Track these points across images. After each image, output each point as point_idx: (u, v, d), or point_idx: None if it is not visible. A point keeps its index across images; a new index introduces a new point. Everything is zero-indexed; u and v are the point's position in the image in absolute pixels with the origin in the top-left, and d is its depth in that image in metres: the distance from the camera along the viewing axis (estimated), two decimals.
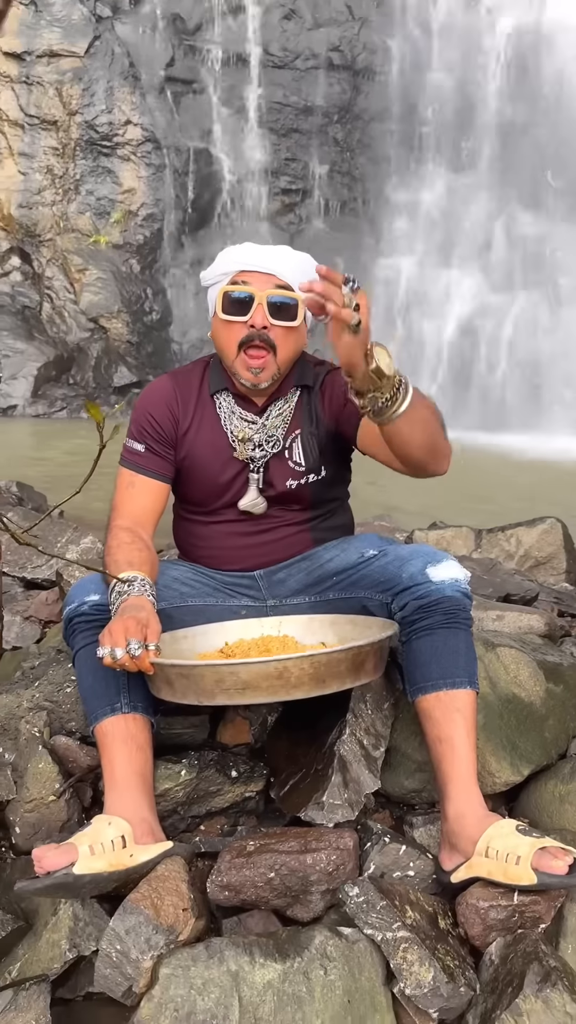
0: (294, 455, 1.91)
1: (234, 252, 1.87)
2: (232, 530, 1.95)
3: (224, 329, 1.84)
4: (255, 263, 1.81)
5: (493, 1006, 1.37)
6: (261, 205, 14.91)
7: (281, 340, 1.82)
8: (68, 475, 1.70)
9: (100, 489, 1.91)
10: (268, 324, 1.79)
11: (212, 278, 1.87)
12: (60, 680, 2.06)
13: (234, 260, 1.84)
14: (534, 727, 1.89)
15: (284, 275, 1.81)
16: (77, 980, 1.53)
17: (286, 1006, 1.32)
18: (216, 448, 1.90)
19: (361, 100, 14.99)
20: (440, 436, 1.69)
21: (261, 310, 1.79)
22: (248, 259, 1.83)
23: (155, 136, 14.42)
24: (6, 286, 14.61)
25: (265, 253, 1.84)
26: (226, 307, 1.81)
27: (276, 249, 1.86)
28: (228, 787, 1.81)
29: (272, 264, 1.81)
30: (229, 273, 1.83)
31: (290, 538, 1.95)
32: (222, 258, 1.88)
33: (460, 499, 6.38)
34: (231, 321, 1.81)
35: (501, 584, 2.89)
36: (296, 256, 1.87)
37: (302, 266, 1.85)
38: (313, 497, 1.95)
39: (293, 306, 1.81)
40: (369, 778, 1.73)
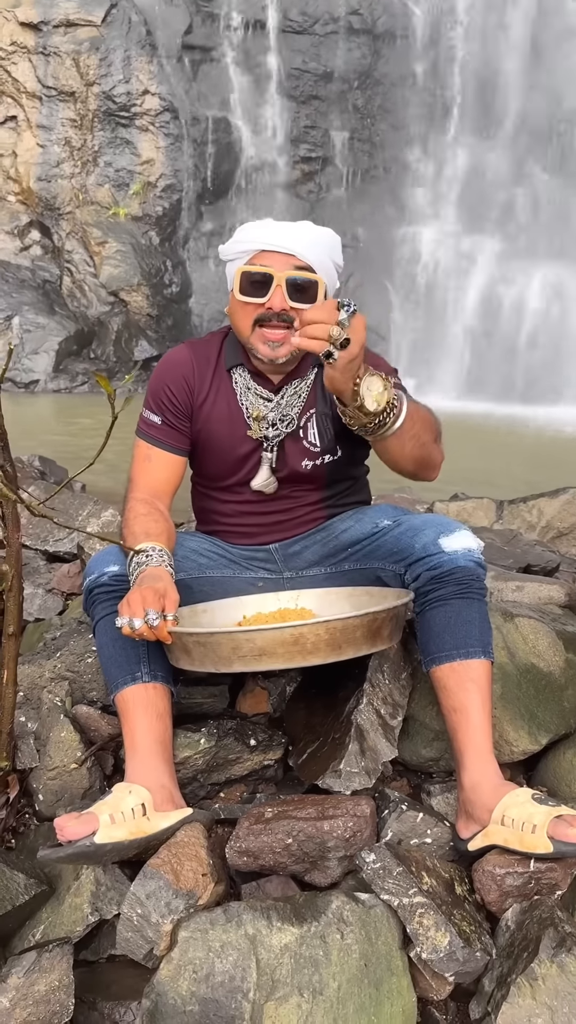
0: (309, 435, 1.90)
1: (253, 229, 1.82)
2: (247, 509, 1.95)
3: (241, 308, 1.81)
4: (274, 242, 1.77)
5: (509, 970, 1.38)
6: (280, 174, 14.75)
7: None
8: (90, 449, 1.72)
9: (122, 461, 1.93)
10: (287, 307, 1.76)
11: (230, 254, 1.84)
12: (81, 650, 2.08)
13: (253, 238, 1.80)
14: (553, 697, 1.89)
15: (304, 255, 1.77)
16: (99, 943, 1.56)
17: (303, 968, 1.34)
18: (232, 423, 1.90)
19: (382, 65, 14.72)
20: (430, 450, 1.71)
21: (280, 292, 1.75)
22: (268, 238, 1.78)
23: (173, 105, 14.27)
24: (26, 260, 14.60)
25: (285, 232, 1.79)
26: (244, 287, 1.78)
27: (296, 226, 1.81)
28: (247, 755, 1.83)
29: (292, 243, 1.76)
30: (248, 252, 1.79)
31: (305, 516, 1.95)
32: (241, 234, 1.84)
33: (481, 470, 6.34)
34: (249, 302, 1.78)
35: (522, 555, 2.87)
36: (318, 233, 1.82)
37: (324, 243, 1.82)
38: (329, 477, 1.94)
39: (312, 287, 1.77)
40: (386, 747, 1.75)
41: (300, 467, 1.90)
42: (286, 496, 1.93)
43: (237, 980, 1.33)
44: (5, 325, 13.58)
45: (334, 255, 1.84)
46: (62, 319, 13.97)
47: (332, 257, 1.84)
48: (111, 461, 1.99)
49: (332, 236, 1.86)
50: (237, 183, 14.84)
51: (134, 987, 1.44)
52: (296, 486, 1.93)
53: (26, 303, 13.90)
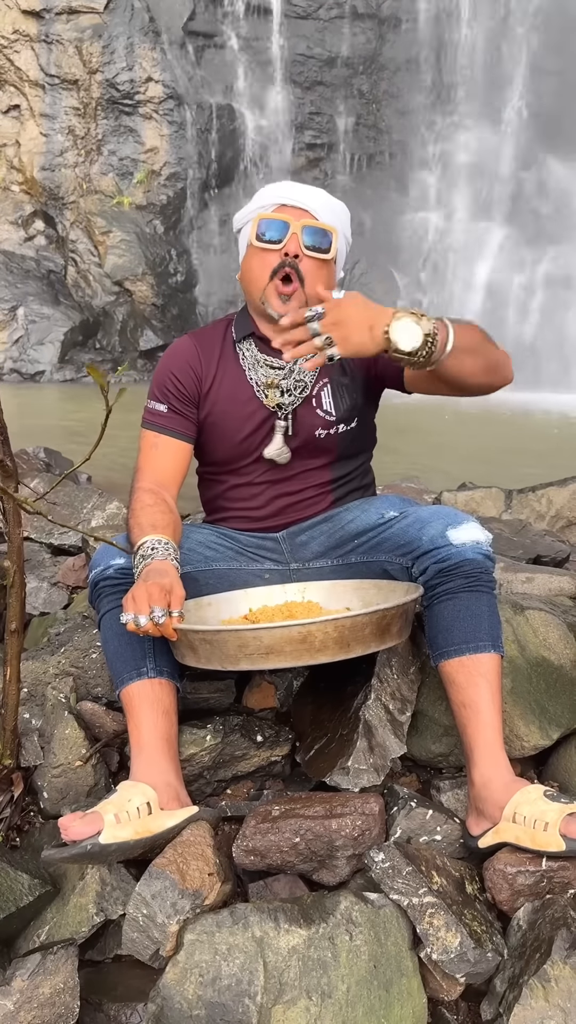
0: (324, 404, 1.89)
1: (272, 188, 1.88)
2: (256, 490, 1.93)
3: (256, 257, 1.83)
4: (292, 197, 1.83)
5: (521, 971, 1.36)
6: (285, 160, 14.64)
7: (312, 274, 1.81)
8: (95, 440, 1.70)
9: (128, 453, 1.90)
10: (301, 253, 1.79)
11: (247, 214, 1.87)
12: (86, 646, 2.06)
13: (272, 193, 1.85)
14: (564, 690, 1.86)
15: (319, 213, 1.82)
16: (105, 942, 1.54)
17: (311, 971, 1.32)
18: (239, 401, 1.88)
19: (387, 50, 14.58)
20: (492, 354, 1.67)
21: (295, 239, 1.80)
22: (286, 192, 1.84)
23: (177, 92, 14.17)
24: (31, 250, 14.55)
25: (302, 189, 1.86)
26: (260, 233, 1.82)
27: (312, 188, 1.88)
28: (254, 752, 1.80)
29: (309, 200, 1.83)
30: (266, 206, 1.84)
31: (313, 497, 1.93)
32: (258, 195, 1.89)
33: (489, 459, 6.30)
34: (265, 248, 1.81)
35: (531, 545, 2.84)
36: (332, 199, 1.88)
37: (337, 209, 1.87)
38: (340, 449, 1.92)
39: (327, 236, 1.82)
40: (395, 743, 1.72)
41: (314, 436, 1.89)
42: (296, 474, 1.91)
43: (244, 983, 1.31)
44: (10, 316, 13.54)
45: (344, 225, 1.90)
46: (67, 309, 13.92)
47: (343, 228, 1.89)
48: (117, 453, 1.96)
49: (344, 207, 1.91)
50: (242, 170, 14.75)
51: (140, 988, 1.42)
52: (308, 460, 1.91)
53: (31, 293, 13.86)
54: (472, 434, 7.77)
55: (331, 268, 1.86)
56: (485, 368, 1.65)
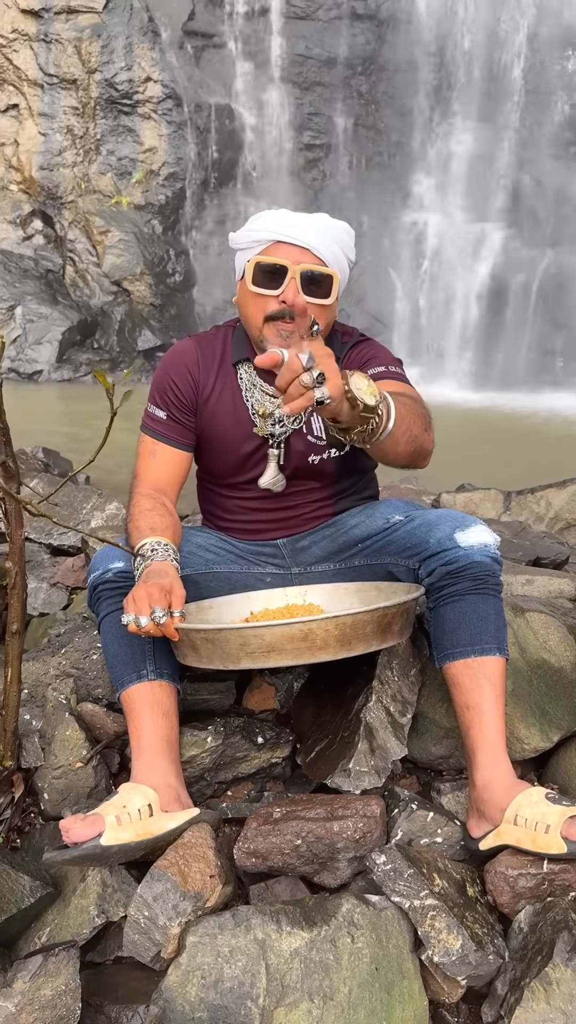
0: (313, 429, 1.86)
1: (268, 218, 1.78)
2: (254, 505, 1.92)
3: (252, 300, 1.77)
4: (290, 234, 1.72)
5: (522, 974, 1.36)
6: (284, 161, 14.63)
7: (314, 315, 1.75)
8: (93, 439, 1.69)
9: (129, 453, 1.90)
10: (300, 302, 1.68)
11: (243, 243, 1.79)
12: (86, 647, 2.06)
13: (269, 228, 1.75)
14: (564, 693, 1.87)
15: (319, 250, 1.73)
16: (107, 944, 1.54)
17: (313, 973, 1.32)
18: (236, 420, 1.86)
19: (386, 51, 14.57)
20: (422, 441, 1.61)
21: (293, 284, 1.72)
22: (283, 229, 1.73)
23: (176, 92, 14.15)
24: (29, 250, 14.53)
25: (301, 223, 1.74)
26: (257, 278, 1.74)
27: (312, 218, 1.77)
28: (254, 753, 1.80)
29: (307, 237, 1.72)
30: (262, 242, 1.75)
31: (313, 512, 1.92)
32: (256, 223, 1.79)
33: (488, 460, 6.30)
34: (261, 294, 1.74)
35: (531, 547, 2.84)
36: (333, 227, 1.78)
37: (339, 237, 1.78)
38: (336, 472, 1.90)
39: (327, 281, 1.74)
40: (396, 745, 1.72)
41: (307, 462, 1.87)
42: (293, 493, 1.90)
43: (246, 986, 1.31)
44: (8, 315, 13.52)
45: (348, 250, 1.81)
46: (65, 309, 13.90)
47: (346, 252, 1.81)
48: (117, 452, 1.96)
49: (347, 231, 1.82)
50: (240, 171, 14.74)
51: (141, 990, 1.42)
52: (303, 483, 1.89)
53: (29, 293, 13.84)
54: (470, 435, 7.77)
55: (332, 308, 1.80)
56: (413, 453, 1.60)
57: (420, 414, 1.63)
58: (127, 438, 1.88)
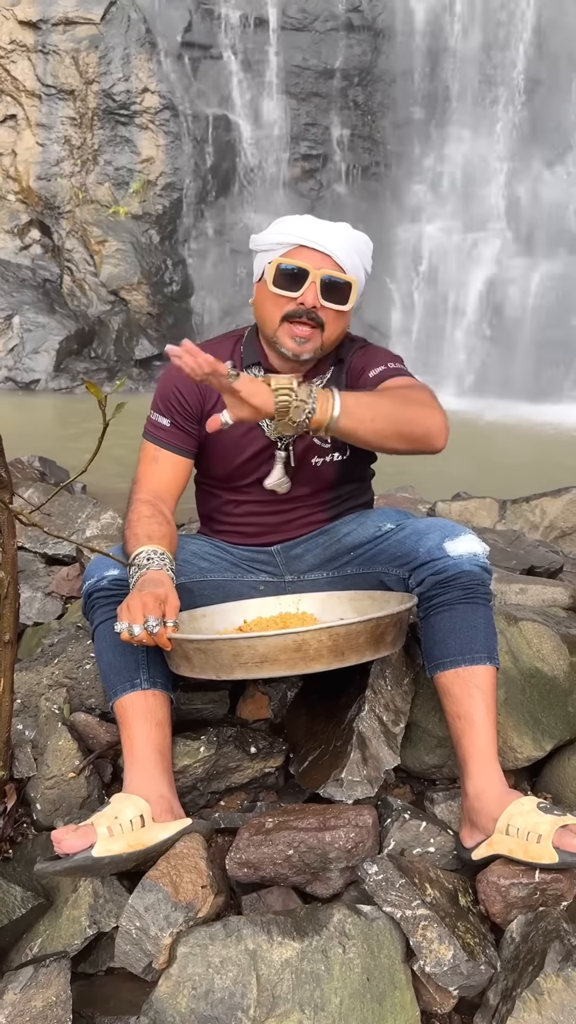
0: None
1: (292, 223, 1.81)
2: (254, 508, 1.93)
3: (271, 300, 1.80)
4: (313, 239, 1.76)
5: (514, 984, 1.35)
6: (281, 171, 14.68)
7: (330, 321, 1.79)
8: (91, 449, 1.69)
9: (120, 465, 1.91)
10: (319, 304, 1.76)
11: (266, 245, 1.82)
12: (80, 657, 2.06)
13: (292, 232, 1.78)
14: (557, 702, 1.87)
15: (340, 257, 1.77)
16: (98, 955, 1.54)
17: (304, 984, 1.32)
18: (241, 425, 1.87)
19: (382, 61, 14.65)
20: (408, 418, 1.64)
21: (313, 288, 1.75)
22: (307, 233, 1.77)
23: (173, 103, 14.21)
24: (27, 259, 14.57)
25: (324, 230, 1.78)
26: (278, 280, 1.77)
27: (335, 227, 1.80)
28: (247, 763, 1.80)
29: (330, 243, 1.76)
30: (284, 245, 1.78)
31: (309, 516, 1.93)
32: (279, 227, 1.83)
33: (484, 469, 6.31)
34: (281, 295, 1.77)
35: (525, 556, 2.85)
36: (354, 236, 1.82)
37: (359, 248, 1.82)
38: (338, 476, 1.92)
39: (346, 288, 1.78)
40: (388, 754, 1.72)
41: (311, 464, 1.89)
42: (293, 497, 1.91)
43: (237, 997, 1.30)
44: (5, 324, 13.54)
45: (366, 261, 1.85)
46: (62, 318, 13.93)
47: (364, 263, 1.84)
48: (114, 462, 1.97)
49: (367, 242, 1.86)
50: (237, 181, 14.79)
51: (133, 1001, 1.41)
52: (305, 486, 1.91)
53: (26, 302, 13.87)
54: (466, 444, 7.78)
55: (347, 315, 1.84)
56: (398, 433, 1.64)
57: (408, 398, 1.67)
58: (123, 448, 1.89)
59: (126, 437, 1.89)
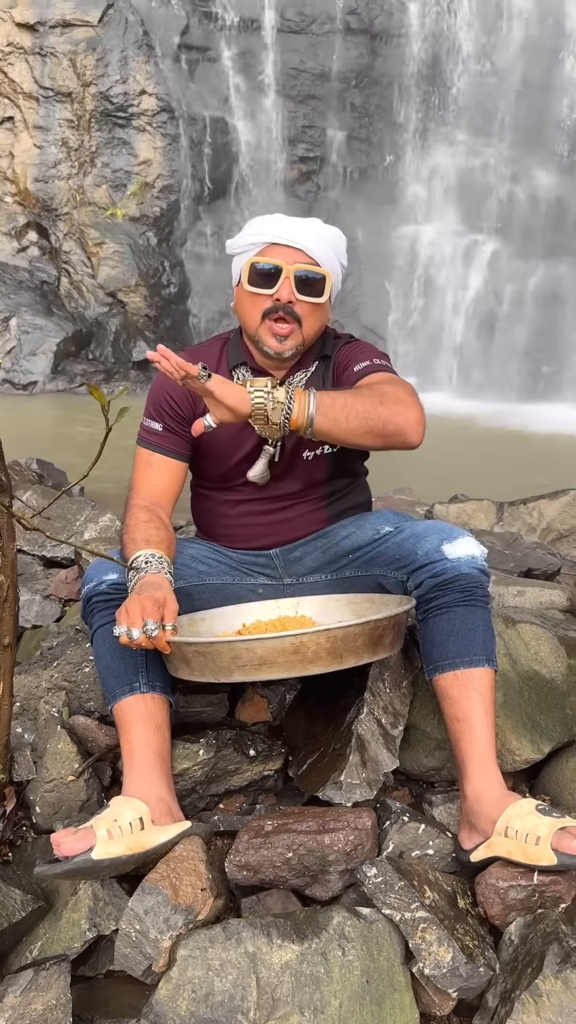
0: None
1: (263, 223, 1.84)
2: (249, 508, 1.94)
3: (249, 300, 1.82)
4: (285, 236, 1.79)
5: (513, 986, 1.36)
6: (278, 174, 14.70)
7: (307, 315, 1.81)
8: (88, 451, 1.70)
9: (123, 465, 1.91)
10: (294, 299, 1.78)
11: (239, 247, 1.85)
12: (79, 660, 2.06)
13: (263, 231, 1.81)
14: (555, 704, 1.87)
15: (312, 251, 1.79)
16: (98, 958, 1.54)
17: (304, 987, 1.32)
18: (233, 425, 1.88)
19: (379, 64, 14.67)
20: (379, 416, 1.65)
21: (288, 284, 1.77)
22: (278, 231, 1.80)
23: (170, 106, 14.23)
24: (24, 261, 14.57)
25: (295, 226, 1.81)
26: (252, 279, 1.79)
27: (306, 222, 1.83)
28: (246, 766, 1.80)
29: (301, 239, 1.79)
30: (257, 244, 1.81)
31: (306, 515, 1.93)
32: (251, 228, 1.85)
33: (481, 471, 6.32)
34: (257, 293, 1.79)
35: (522, 558, 2.86)
36: (325, 231, 1.84)
37: (332, 242, 1.84)
38: (330, 470, 1.93)
39: (320, 281, 1.80)
40: (387, 757, 1.72)
41: (302, 458, 1.89)
42: (287, 495, 1.92)
43: (237, 999, 1.31)
44: (3, 327, 13.54)
45: (340, 255, 1.87)
46: (60, 320, 13.93)
47: (338, 256, 1.87)
48: (113, 465, 1.97)
49: (339, 236, 1.88)
50: (235, 183, 14.80)
51: (132, 1004, 1.42)
52: (298, 481, 1.91)
53: (24, 304, 13.87)
54: (463, 446, 7.79)
55: (325, 308, 1.86)
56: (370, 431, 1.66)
57: (384, 394, 1.68)
58: (123, 450, 1.89)
59: (128, 437, 1.90)
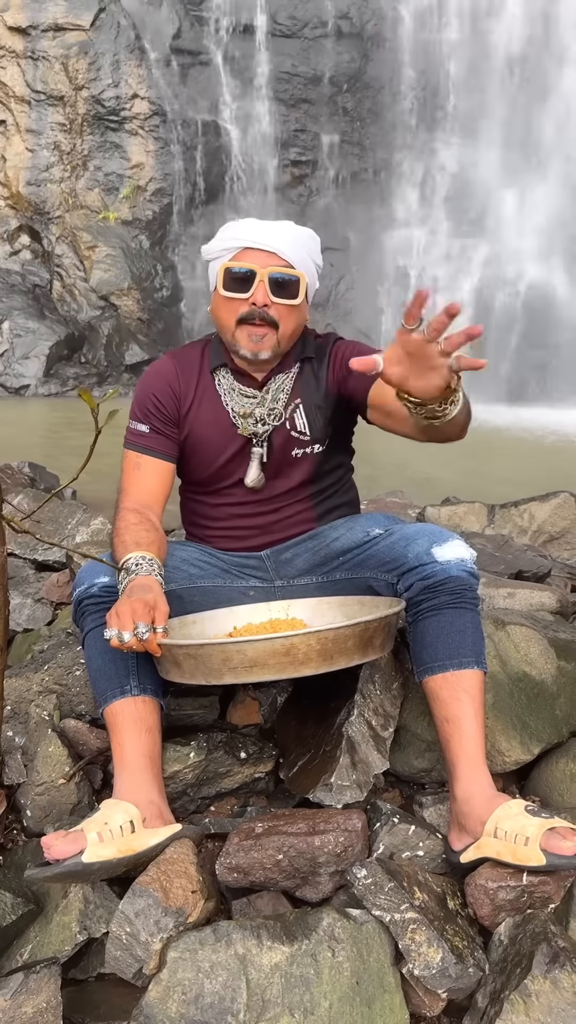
0: (297, 425, 1.90)
1: (236, 227, 1.85)
2: (238, 511, 1.95)
3: (224, 305, 1.83)
4: (257, 240, 1.80)
5: (502, 986, 1.36)
6: (270, 177, 14.74)
7: (283, 317, 1.82)
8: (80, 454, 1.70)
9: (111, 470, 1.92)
10: (269, 302, 1.79)
11: (213, 253, 1.86)
12: (69, 663, 2.06)
13: (236, 236, 1.82)
14: (545, 705, 1.88)
15: (286, 253, 1.80)
16: (89, 961, 1.54)
17: (294, 988, 1.32)
18: (218, 426, 1.90)
19: (371, 68, 14.73)
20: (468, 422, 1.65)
21: (263, 287, 1.79)
22: (250, 235, 1.81)
23: (162, 109, 14.26)
24: (16, 265, 14.57)
25: (267, 230, 1.82)
26: (227, 283, 1.80)
27: (278, 225, 1.84)
28: (237, 768, 1.81)
29: (274, 241, 1.80)
30: (230, 249, 1.82)
31: (295, 516, 1.94)
32: (224, 233, 1.87)
33: (473, 474, 6.33)
34: (232, 298, 1.80)
35: (513, 560, 2.87)
36: (298, 232, 1.85)
37: (305, 243, 1.85)
38: (317, 468, 1.94)
39: (294, 283, 1.81)
40: (378, 759, 1.73)
41: (290, 456, 1.90)
42: (276, 496, 1.93)
43: (227, 1001, 1.31)
44: None
45: (314, 254, 1.88)
46: (52, 324, 13.93)
47: (312, 256, 1.87)
48: (104, 467, 1.98)
49: (312, 236, 1.89)
50: (227, 187, 14.83)
51: (123, 1007, 1.42)
52: (286, 480, 1.92)
53: (16, 308, 13.86)
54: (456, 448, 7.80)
55: (302, 309, 1.86)
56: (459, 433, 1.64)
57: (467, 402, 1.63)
58: (115, 453, 1.90)
59: (119, 438, 1.91)
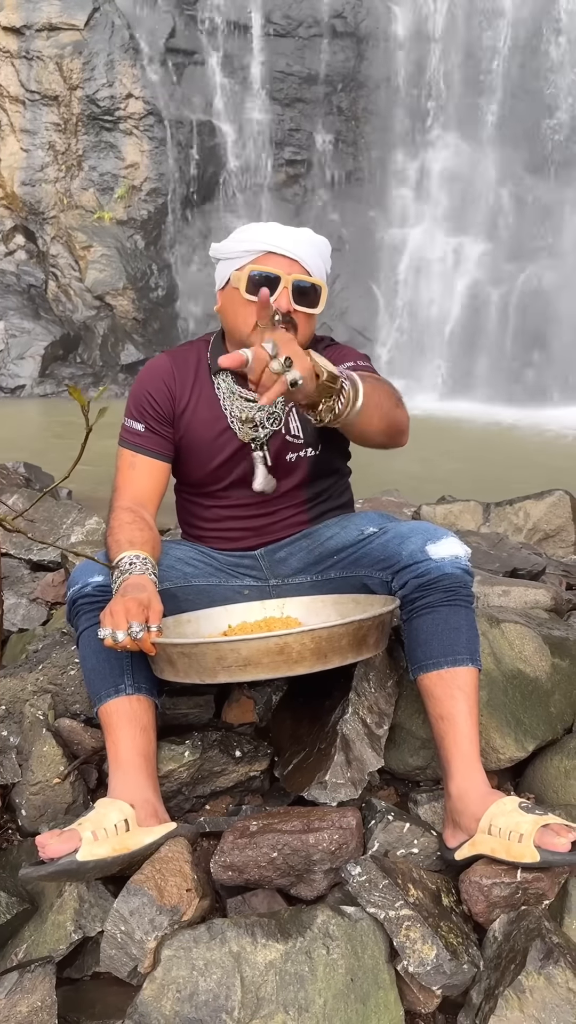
0: (291, 428, 1.90)
1: (259, 231, 1.84)
2: (232, 513, 1.94)
3: (244, 307, 1.81)
4: (281, 245, 1.80)
5: (496, 983, 1.37)
6: (265, 177, 14.73)
7: (302, 324, 1.82)
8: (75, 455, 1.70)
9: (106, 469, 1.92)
10: (292, 308, 1.79)
11: (232, 253, 1.84)
12: (64, 663, 2.06)
13: (260, 239, 1.82)
14: (539, 702, 1.89)
15: (307, 262, 1.81)
16: (83, 960, 1.54)
17: (288, 985, 1.32)
18: (213, 428, 1.89)
19: (366, 67, 14.72)
20: (395, 415, 1.69)
21: (286, 293, 1.78)
22: (274, 240, 1.80)
23: (157, 109, 14.23)
24: (11, 265, 14.54)
25: (291, 236, 1.82)
26: (251, 287, 1.79)
27: (300, 232, 1.85)
28: (232, 767, 1.81)
29: (297, 249, 1.80)
30: (252, 252, 1.81)
31: (290, 519, 1.94)
32: (245, 235, 1.85)
33: (468, 472, 6.34)
34: (255, 301, 1.78)
35: (508, 558, 2.87)
36: (316, 241, 1.86)
37: (322, 251, 1.86)
38: (312, 471, 1.94)
39: (315, 292, 1.82)
40: (372, 756, 1.73)
41: (285, 460, 1.90)
42: (273, 498, 1.92)
43: (221, 999, 1.31)
44: None
45: (327, 263, 1.90)
46: (48, 324, 13.91)
47: (325, 265, 1.89)
48: (99, 467, 1.98)
49: (326, 244, 1.91)
50: (222, 186, 14.82)
51: (118, 1005, 1.42)
52: (282, 483, 1.92)
53: (11, 308, 13.84)
54: (450, 447, 7.82)
55: (315, 318, 1.87)
56: (387, 429, 1.68)
57: (388, 391, 1.70)
58: (109, 452, 1.90)
59: (114, 438, 1.91)
